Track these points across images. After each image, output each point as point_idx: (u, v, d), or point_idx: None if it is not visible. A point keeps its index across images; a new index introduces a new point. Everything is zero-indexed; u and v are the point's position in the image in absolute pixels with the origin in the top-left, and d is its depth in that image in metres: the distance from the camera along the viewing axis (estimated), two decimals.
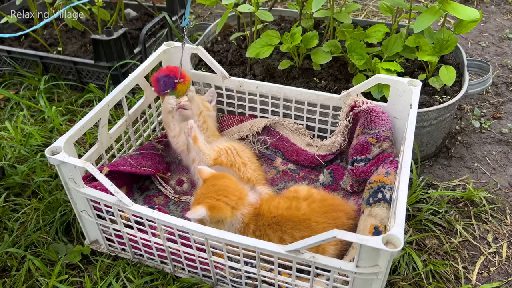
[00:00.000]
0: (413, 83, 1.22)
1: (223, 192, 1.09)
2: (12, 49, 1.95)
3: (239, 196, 1.10)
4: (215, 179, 1.13)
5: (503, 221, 1.33)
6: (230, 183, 1.13)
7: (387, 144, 1.25)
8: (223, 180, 1.13)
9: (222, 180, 1.13)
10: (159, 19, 2.03)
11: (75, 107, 1.82)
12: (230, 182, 1.13)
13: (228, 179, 1.14)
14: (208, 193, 1.09)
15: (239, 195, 1.10)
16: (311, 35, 1.52)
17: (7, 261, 1.22)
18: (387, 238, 0.80)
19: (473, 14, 1.29)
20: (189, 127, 1.28)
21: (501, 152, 1.58)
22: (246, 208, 1.09)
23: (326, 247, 1.06)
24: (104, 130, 1.27)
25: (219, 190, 1.09)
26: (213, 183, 1.12)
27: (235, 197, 1.09)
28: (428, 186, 1.44)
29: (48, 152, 1.02)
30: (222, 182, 1.12)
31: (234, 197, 1.09)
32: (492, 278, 1.19)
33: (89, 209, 1.12)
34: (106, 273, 1.18)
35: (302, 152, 1.43)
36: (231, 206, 1.07)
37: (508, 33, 2.24)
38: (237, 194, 1.10)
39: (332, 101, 1.37)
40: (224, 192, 1.09)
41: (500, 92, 1.86)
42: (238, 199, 1.09)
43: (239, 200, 1.09)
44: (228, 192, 1.09)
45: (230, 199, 1.08)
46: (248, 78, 1.59)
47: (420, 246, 1.26)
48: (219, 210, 1.05)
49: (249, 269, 1.01)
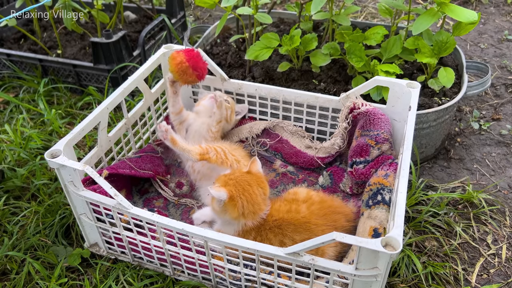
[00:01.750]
0: (412, 85, 1.23)
1: (248, 197, 1.06)
2: (11, 52, 1.95)
3: (254, 211, 1.07)
4: (254, 180, 1.09)
5: (502, 222, 1.33)
6: (260, 195, 1.08)
7: (386, 146, 1.25)
8: (257, 188, 1.09)
9: (257, 187, 1.09)
10: (158, 21, 2.03)
11: (74, 110, 1.82)
12: (260, 194, 1.08)
13: (262, 190, 1.10)
14: (240, 184, 1.06)
15: (257, 209, 1.07)
16: (310, 37, 1.52)
17: (7, 264, 1.22)
18: (386, 240, 0.81)
19: (471, 16, 1.29)
20: (163, 130, 1.25)
21: (500, 153, 1.58)
22: (253, 221, 1.07)
23: (326, 249, 1.06)
24: (104, 133, 1.27)
25: (247, 192, 1.06)
26: (250, 182, 1.08)
27: (251, 209, 1.06)
28: (427, 187, 1.44)
29: (47, 155, 1.02)
30: (255, 189, 1.08)
31: (251, 208, 1.06)
32: (491, 279, 1.19)
33: (89, 212, 1.12)
34: (105, 276, 1.18)
35: (301, 154, 1.43)
36: (243, 212, 1.05)
37: (507, 34, 2.24)
38: (256, 207, 1.07)
39: (331, 103, 1.37)
40: (249, 197, 1.06)
41: (499, 93, 1.87)
42: (253, 212, 1.06)
43: (252, 214, 1.06)
44: (251, 199, 1.06)
45: (247, 206, 1.05)
46: (247, 80, 1.59)
47: (420, 248, 1.26)
48: (233, 206, 1.04)
49: (249, 272, 1.01)
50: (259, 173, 1.13)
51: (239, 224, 1.07)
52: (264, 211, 1.09)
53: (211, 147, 1.28)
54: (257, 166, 1.14)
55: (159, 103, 1.54)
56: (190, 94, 1.60)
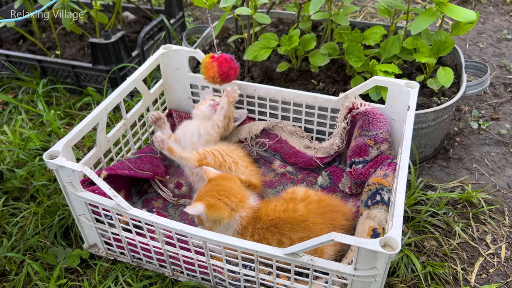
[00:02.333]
0: (411, 85, 1.23)
1: (225, 193, 1.09)
2: (10, 53, 1.95)
3: (240, 199, 1.10)
4: (220, 180, 1.14)
5: (501, 222, 1.33)
6: (235, 185, 1.13)
7: (385, 146, 1.25)
8: (227, 181, 1.14)
9: (227, 181, 1.14)
10: (157, 22, 2.03)
11: (73, 110, 1.82)
12: (235, 185, 1.14)
13: (233, 182, 1.15)
14: (211, 192, 1.10)
15: (240, 197, 1.10)
16: (309, 38, 1.52)
17: (6, 266, 1.22)
18: (384, 240, 0.81)
19: (470, 16, 1.29)
20: (160, 140, 1.26)
21: (499, 153, 1.58)
22: (246, 211, 1.09)
23: (325, 248, 1.06)
24: (102, 134, 1.27)
25: (222, 191, 1.10)
26: (218, 183, 1.12)
27: (236, 199, 1.09)
28: (426, 187, 1.44)
29: (46, 156, 1.02)
30: (226, 183, 1.13)
31: (235, 199, 1.09)
32: (490, 279, 1.19)
33: (88, 213, 1.12)
34: (105, 277, 1.18)
35: (300, 154, 1.43)
36: (231, 207, 1.07)
37: (506, 34, 2.24)
38: (238, 196, 1.10)
39: (330, 103, 1.37)
40: (226, 193, 1.09)
41: (498, 93, 1.87)
42: (239, 201, 1.09)
43: (239, 203, 1.09)
44: (230, 194, 1.10)
45: (230, 201, 1.08)
46: (246, 80, 1.59)
47: (419, 247, 1.26)
48: (216, 209, 1.05)
49: (248, 272, 1.01)
50: (218, 173, 1.17)
51: (236, 222, 1.08)
52: (250, 198, 1.12)
53: (208, 152, 1.28)
54: (211, 171, 1.18)
55: (157, 103, 1.54)
56: (189, 94, 1.60)
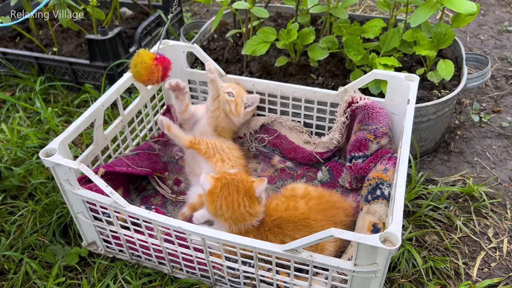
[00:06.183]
0: (411, 78, 1.21)
1: (229, 202, 1.02)
2: (7, 50, 1.94)
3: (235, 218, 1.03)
4: (246, 190, 1.04)
5: (503, 215, 1.32)
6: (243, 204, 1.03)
7: (385, 140, 1.23)
8: (244, 197, 1.03)
9: (244, 196, 1.03)
10: (155, 17, 2.01)
11: (71, 107, 1.81)
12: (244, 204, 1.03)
13: (248, 201, 1.04)
14: (229, 186, 1.03)
15: (239, 217, 1.03)
16: (308, 31, 1.50)
17: (5, 264, 1.21)
18: (384, 236, 0.80)
19: (470, 7, 1.27)
20: (161, 120, 1.33)
21: (501, 146, 1.57)
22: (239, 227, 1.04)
23: (325, 244, 1.05)
24: (100, 131, 1.26)
25: (230, 196, 1.03)
26: (239, 189, 1.04)
27: (231, 215, 1.03)
28: (427, 181, 1.43)
29: (42, 154, 1.01)
30: (241, 198, 1.03)
31: (231, 214, 1.03)
32: (492, 273, 1.18)
33: (85, 211, 1.11)
34: (104, 275, 1.17)
35: (300, 149, 1.42)
36: (222, 214, 1.03)
37: (507, 25, 2.22)
38: (237, 215, 1.03)
39: (330, 97, 1.35)
40: (230, 203, 1.02)
41: (500, 85, 1.85)
42: (233, 219, 1.03)
43: (232, 220, 1.03)
44: (232, 207, 1.02)
45: (226, 211, 1.03)
46: (244, 75, 1.58)
47: (420, 242, 1.25)
48: (211, 202, 1.03)
49: (247, 269, 1.00)
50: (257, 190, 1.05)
51: (229, 226, 1.04)
52: (251, 222, 1.05)
53: (203, 140, 1.32)
54: (260, 186, 1.04)
55: (155, 100, 1.52)
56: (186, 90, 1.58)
